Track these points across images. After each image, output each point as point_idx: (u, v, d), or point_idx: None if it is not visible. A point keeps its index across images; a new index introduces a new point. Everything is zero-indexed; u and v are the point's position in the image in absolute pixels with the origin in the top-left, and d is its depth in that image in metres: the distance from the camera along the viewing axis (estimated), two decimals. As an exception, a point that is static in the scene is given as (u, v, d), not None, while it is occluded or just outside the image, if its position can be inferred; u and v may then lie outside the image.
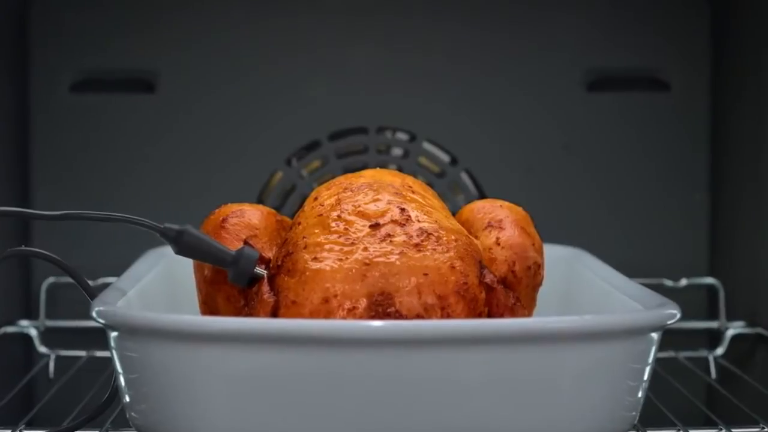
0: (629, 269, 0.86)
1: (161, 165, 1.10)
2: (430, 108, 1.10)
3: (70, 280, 0.78)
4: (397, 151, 1.11)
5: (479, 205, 0.79)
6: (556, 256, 0.86)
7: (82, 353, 1.05)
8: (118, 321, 0.68)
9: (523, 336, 0.65)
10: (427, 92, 1.10)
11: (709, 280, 1.09)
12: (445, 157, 1.11)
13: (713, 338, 1.08)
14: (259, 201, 1.08)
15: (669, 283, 1.08)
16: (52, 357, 1.04)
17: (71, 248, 1.02)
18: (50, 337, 1.05)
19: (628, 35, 1.10)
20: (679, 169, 1.11)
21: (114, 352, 0.69)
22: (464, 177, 1.11)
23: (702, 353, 1.06)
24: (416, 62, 1.10)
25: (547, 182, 1.11)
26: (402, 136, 1.11)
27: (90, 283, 0.96)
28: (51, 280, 1.06)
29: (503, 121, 1.10)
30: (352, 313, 0.68)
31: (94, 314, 0.68)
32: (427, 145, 1.11)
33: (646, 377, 0.70)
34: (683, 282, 1.09)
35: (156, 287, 0.85)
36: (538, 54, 1.10)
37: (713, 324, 1.08)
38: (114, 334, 0.69)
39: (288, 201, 1.10)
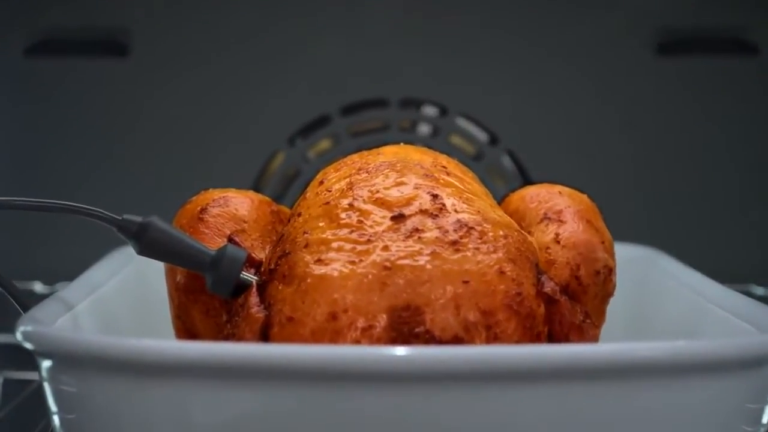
0: (708, 273, 0.82)
1: (135, 145, 1.07)
2: (464, 76, 1.07)
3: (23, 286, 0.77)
4: (424, 129, 1.09)
5: (532, 191, 0.75)
6: (624, 258, 0.79)
7: (36, 376, 1.00)
8: (51, 346, 0.62)
9: (606, 368, 0.59)
10: (461, 57, 1.07)
11: (809, 285, 1.07)
12: (482, 136, 1.08)
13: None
14: (256, 189, 1.03)
15: (759, 290, 1.04)
16: (0, 380, 0.98)
17: (27, 246, 1.04)
18: (-3, 355, 1.01)
19: (707, -14, 1.08)
20: (770, 150, 1.09)
21: (47, 384, 0.64)
22: (506, 160, 1.08)
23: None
24: (448, 20, 1.07)
25: (606, 167, 1.08)
26: (430, 110, 1.08)
27: (47, 289, 1.02)
28: (0, 286, 1.05)
29: (553, 92, 1.08)
30: (367, 333, 0.63)
31: (19, 336, 0.63)
32: (460, 121, 1.08)
33: (766, 420, 0.65)
34: (776, 288, 1.06)
35: (119, 299, 0.80)
36: (597, 11, 1.07)
37: (814, 342, 1.02)
38: (47, 363, 0.63)
39: (290, 189, 1.07)
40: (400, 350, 0.59)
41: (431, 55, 1.07)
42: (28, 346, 0.62)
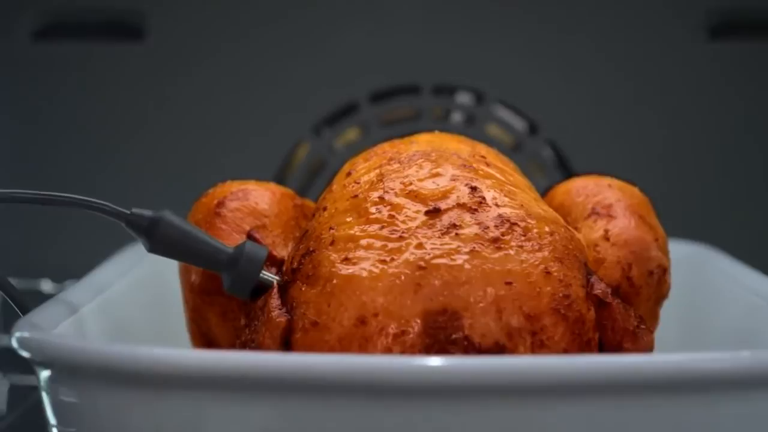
0: (766, 271, 0.82)
1: (149, 134, 1.06)
2: (501, 60, 1.06)
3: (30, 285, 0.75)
4: (458, 117, 1.07)
5: (579, 184, 0.74)
6: (676, 256, 0.77)
7: (45, 381, 1.00)
8: (50, 354, 0.60)
9: (667, 382, 0.57)
10: (498, 39, 1.06)
11: None
12: (521, 125, 1.07)
13: None
14: (278, 181, 1.01)
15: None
16: (6, 385, 0.97)
17: (36, 241, 1.05)
18: (3, 358, 0.98)
19: (766, -38, 1.06)
20: (833, 141, 1.08)
21: (45, 395, 0.63)
22: (546, 151, 1.07)
23: None
24: (484, 1, 1.06)
25: (655, 158, 1.06)
26: (465, 97, 1.07)
27: (56, 287, 1.02)
28: (5, 286, 1.04)
29: (597, 78, 1.06)
30: (400, 340, 0.62)
31: (14, 343, 0.62)
32: (498, 109, 1.06)
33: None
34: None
35: (128, 301, 0.80)
36: (644, -8, 1.08)
37: None
38: (45, 372, 0.61)
39: (315, 181, 1.06)
40: (436, 361, 0.57)
41: (466, 37, 1.06)
42: (24, 354, 0.61)
